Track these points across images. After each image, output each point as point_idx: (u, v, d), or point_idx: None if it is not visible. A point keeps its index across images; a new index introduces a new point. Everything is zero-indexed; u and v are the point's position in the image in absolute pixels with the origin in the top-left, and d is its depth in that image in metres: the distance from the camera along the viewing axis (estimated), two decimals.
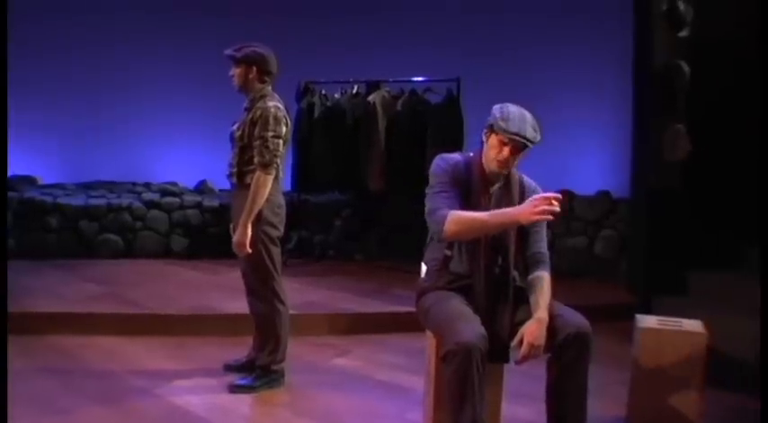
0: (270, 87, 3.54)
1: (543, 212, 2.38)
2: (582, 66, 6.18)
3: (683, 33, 4.78)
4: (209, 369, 3.81)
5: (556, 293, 2.71)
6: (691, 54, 4.77)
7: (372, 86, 6.16)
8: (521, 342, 2.51)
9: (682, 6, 4.76)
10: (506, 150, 2.60)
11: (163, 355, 4.12)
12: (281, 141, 3.42)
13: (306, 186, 6.42)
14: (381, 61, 6.39)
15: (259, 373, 3.57)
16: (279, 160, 3.43)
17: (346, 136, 6.13)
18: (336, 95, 6.33)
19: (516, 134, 2.56)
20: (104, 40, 6.85)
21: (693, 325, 3.10)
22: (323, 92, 6.34)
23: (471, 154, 2.77)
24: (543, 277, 2.69)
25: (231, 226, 3.64)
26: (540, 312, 2.54)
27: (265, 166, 3.36)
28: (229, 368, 3.76)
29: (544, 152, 6.23)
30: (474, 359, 2.34)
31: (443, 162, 2.73)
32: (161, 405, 3.36)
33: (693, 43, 4.78)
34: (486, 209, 2.66)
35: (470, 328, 2.42)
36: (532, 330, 2.50)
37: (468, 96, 5.75)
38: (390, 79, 6.17)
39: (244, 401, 3.42)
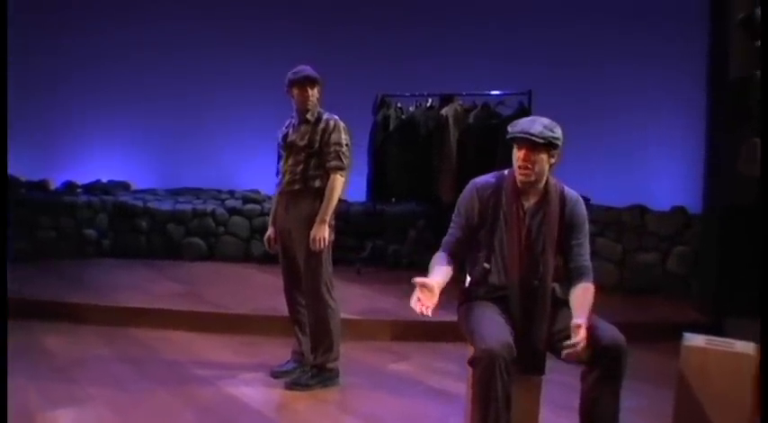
0: None
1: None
2: (655, 77, 6.06)
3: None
4: (271, 366, 3.99)
5: (624, 309, 2.69)
6: None
7: (446, 99, 6.28)
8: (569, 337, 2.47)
9: (760, 14, 4.56)
10: (521, 154, 2.66)
11: (230, 351, 4.38)
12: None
13: (380, 197, 6.59)
14: (456, 74, 6.50)
15: (315, 371, 3.74)
16: None
17: (419, 148, 6.27)
18: (411, 108, 6.48)
19: (518, 132, 2.62)
20: (192, 51, 7.32)
21: (745, 347, 2.97)
22: (398, 105, 6.51)
23: (506, 172, 2.82)
24: (587, 287, 2.69)
25: (269, 234, 3.91)
26: (580, 319, 2.51)
27: (342, 170, 3.68)
28: (276, 375, 3.89)
29: (617, 166, 6.18)
30: (497, 366, 2.39)
31: (469, 189, 2.82)
32: (218, 394, 3.59)
33: None
34: (520, 223, 2.71)
35: (496, 336, 2.47)
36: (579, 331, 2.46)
37: (540, 109, 5.74)
38: (464, 93, 6.27)
39: (297, 397, 3.60)
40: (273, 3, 7.34)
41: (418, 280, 2.53)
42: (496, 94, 6.11)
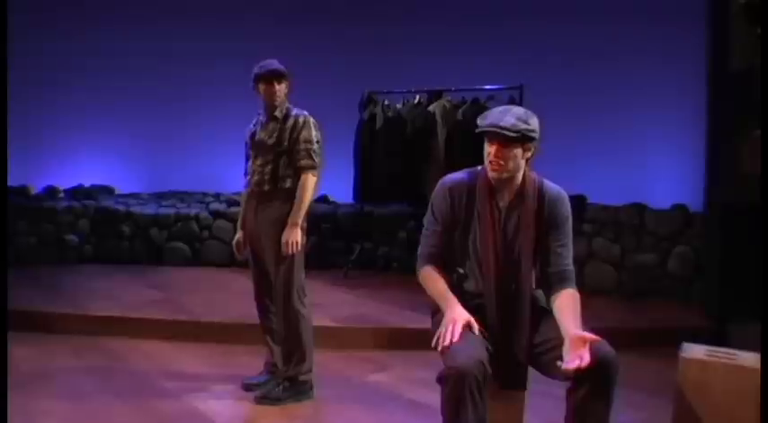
0: None
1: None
2: (652, 71, 5.81)
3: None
4: (245, 377, 3.76)
5: (622, 313, 2.45)
6: None
7: (434, 96, 6.04)
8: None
9: None
10: (492, 149, 2.39)
11: (203, 362, 4.15)
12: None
13: (367, 197, 6.36)
14: (445, 69, 6.28)
15: (287, 384, 3.50)
16: None
17: (407, 146, 6.03)
18: (398, 105, 6.25)
19: (488, 125, 2.36)
20: (175, 52, 7.11)
21: (749, 359, 2.69)
22: (385, 102, 6.28)
23: (480, 168, 2.56)
24: (572, 295, 2.44)
25: (238, 238, 3.72)
26: (578, 330, 2.25)
27: (314, 169, 3.48)
28: (248, 387, 3.66)
29: (615, 163, 5.93)
30: (467, 385, 2.16)
31: (439, 189, 2.56)
32: (182, 408, 3.38)
33: None
34: (495, 223, 2.47)
35: (466, 351, 2.22)
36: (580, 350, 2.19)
37: (532, 105, 5.48)
38: (453, 88, 6.03)
39: (266, 412, 3.36)
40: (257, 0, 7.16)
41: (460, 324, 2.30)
42: (487, 89, 5.87)
